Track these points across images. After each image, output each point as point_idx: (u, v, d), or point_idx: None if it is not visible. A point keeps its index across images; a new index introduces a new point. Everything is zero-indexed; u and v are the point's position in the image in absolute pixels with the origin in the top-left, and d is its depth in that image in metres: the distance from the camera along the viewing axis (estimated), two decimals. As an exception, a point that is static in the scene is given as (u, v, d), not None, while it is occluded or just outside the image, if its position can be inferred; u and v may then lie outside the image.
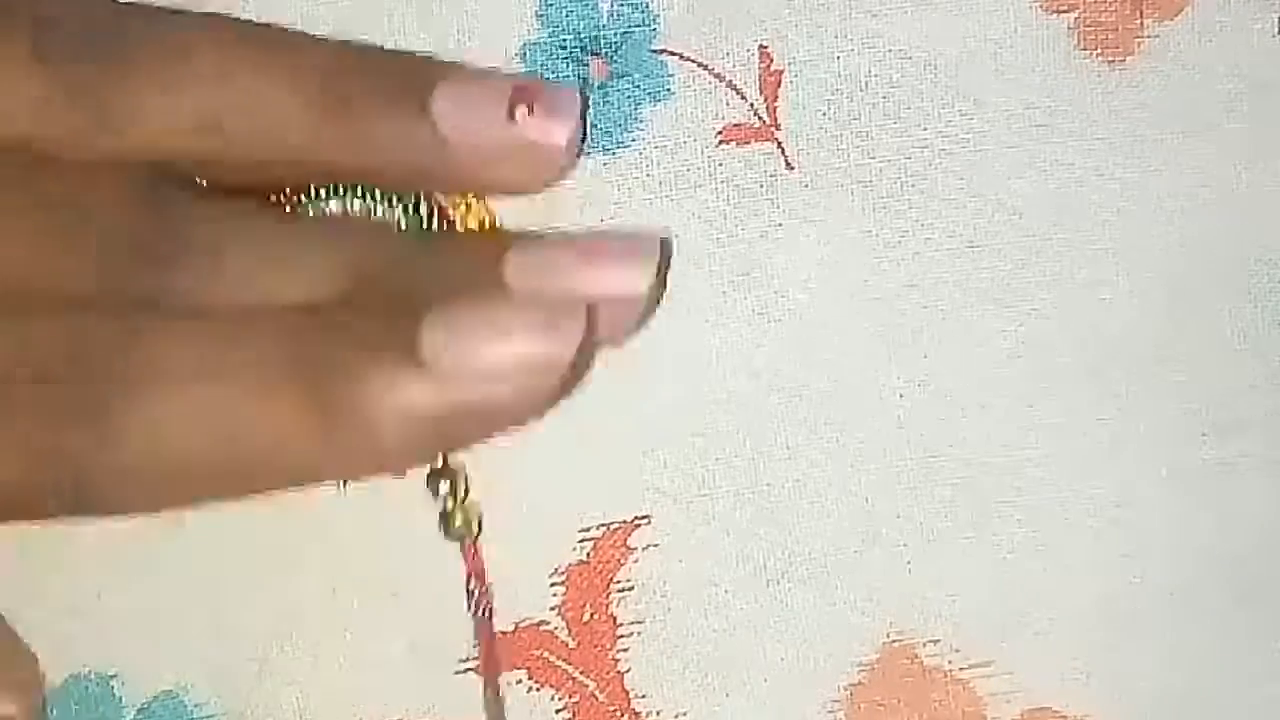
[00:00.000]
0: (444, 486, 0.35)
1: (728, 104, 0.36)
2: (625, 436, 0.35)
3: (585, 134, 0.35)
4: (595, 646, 0.35)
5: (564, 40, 0.36)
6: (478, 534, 0.35)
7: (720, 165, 0.36)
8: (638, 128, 0.36)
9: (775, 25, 0.36)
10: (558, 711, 0.35)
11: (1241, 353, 0.35)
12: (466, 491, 0.35)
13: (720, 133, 0.36)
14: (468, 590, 0.35)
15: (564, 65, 0.36)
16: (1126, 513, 0.35)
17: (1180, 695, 0.35)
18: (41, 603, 0.35)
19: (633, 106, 0.36)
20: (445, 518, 0.35)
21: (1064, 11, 0.36)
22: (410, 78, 0.33)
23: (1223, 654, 0.35)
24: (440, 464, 0.35)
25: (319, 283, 0.31)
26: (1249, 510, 0.35)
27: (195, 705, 0.35)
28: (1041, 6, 0.36)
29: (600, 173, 0.36)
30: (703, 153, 0.36)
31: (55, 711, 0.35)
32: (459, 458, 0.35)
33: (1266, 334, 0.35)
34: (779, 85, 0.36)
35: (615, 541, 0.35)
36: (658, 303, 0.34)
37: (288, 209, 0.34)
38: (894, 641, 0.35)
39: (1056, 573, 0.35)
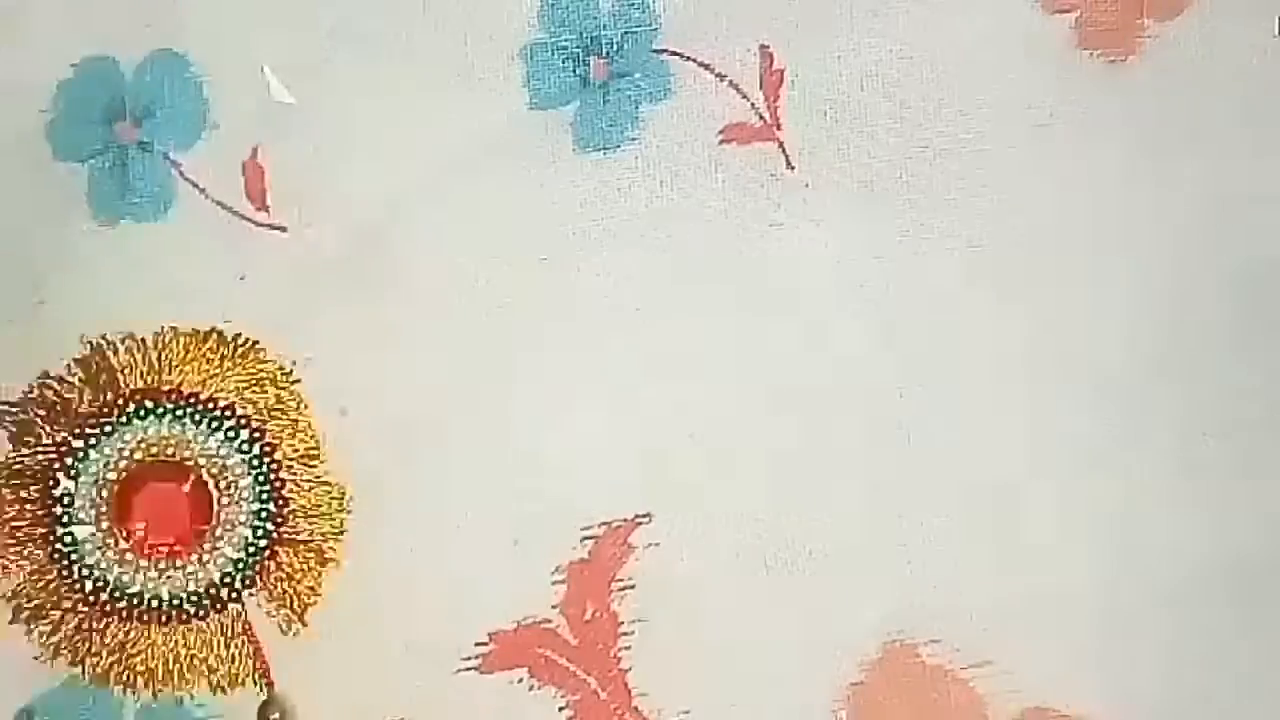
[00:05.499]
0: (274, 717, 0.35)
1: (729, 103, 0.36)
2: (625, 436, 0.35)
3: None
4: (597, 644, 0.35)
5: (564, 40, 0.36)
6: None
7: (721, 164, 0.36)
8: (638, 127, 0.36)
9: (776, 25, 0.36)
10: (560, 709, 0.35)
11: (1241, 354, 0.35)
12: None
13: (721, 132, 0.36)
14: None
15: (564, 65, 0.36)
16: (1127, 513, 0.35)
17: (1180, 695, 0.35)
18: None
19: (633, 106, 0.36)
20: None
21: (1064, 11, 0.36)
22: None
23: (1223, 654, 0.35)
24: (269, 697, 0.35)
25: None
26: (1249, 510, 0.35)
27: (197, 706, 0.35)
28: (1041, 6, 0.36)
29: (600, 172, 0.36)
30: (704, 152, 0.36)
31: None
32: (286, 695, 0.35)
33: (1266, 335, 0.35)
34: (780, 85, 0.36)
35: (616, 540, 0.35)
36: None
37: None
38: (895, 640, 0.35)
39: (1056, 572, 0.35)
